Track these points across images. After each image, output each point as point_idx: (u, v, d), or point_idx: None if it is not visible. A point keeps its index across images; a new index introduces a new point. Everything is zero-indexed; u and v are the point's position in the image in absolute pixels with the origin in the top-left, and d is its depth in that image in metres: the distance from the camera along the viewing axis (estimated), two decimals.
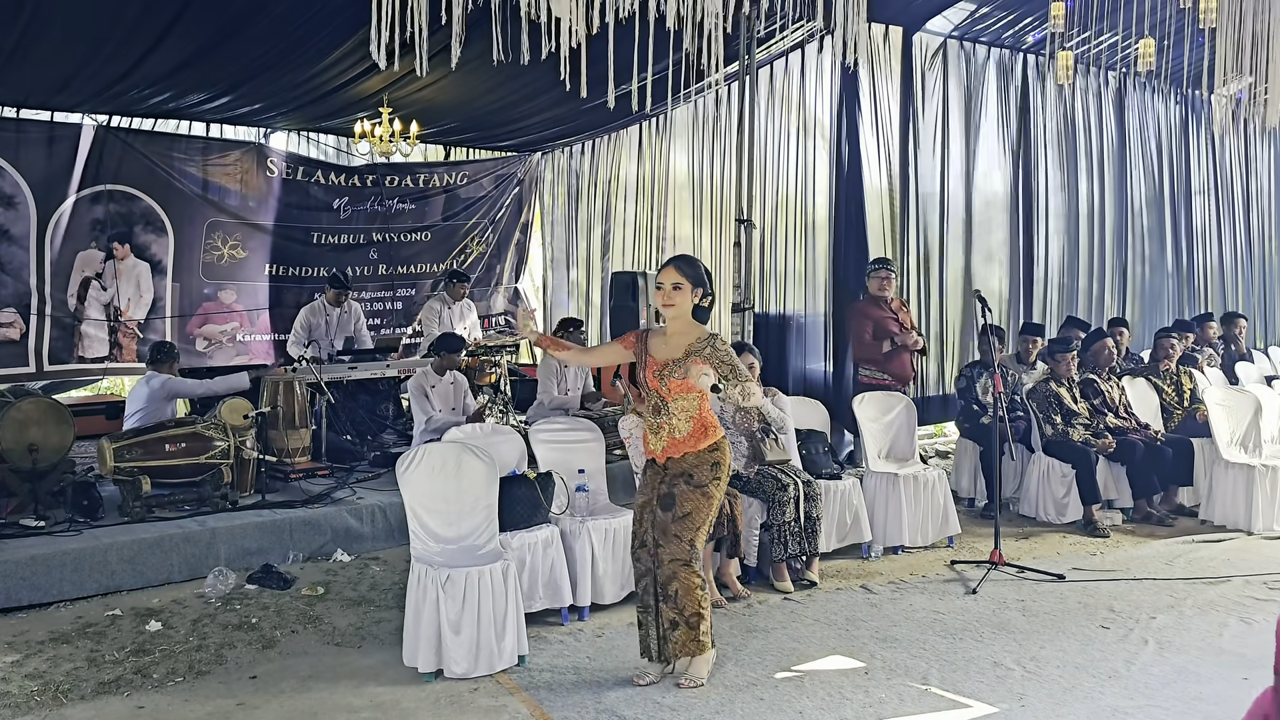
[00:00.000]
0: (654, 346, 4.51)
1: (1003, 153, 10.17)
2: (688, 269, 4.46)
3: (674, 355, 4.41)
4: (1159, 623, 5.33)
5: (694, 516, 4.37)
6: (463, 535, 4.88)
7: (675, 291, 4.42)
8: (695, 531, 4.38)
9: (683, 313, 4.43)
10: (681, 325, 4.46)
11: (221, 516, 6.40)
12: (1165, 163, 11.74)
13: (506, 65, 5.95)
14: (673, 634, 4.41)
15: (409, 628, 4.62)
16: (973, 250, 9.93)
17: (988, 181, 10.03)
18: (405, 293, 12.81)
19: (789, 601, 5.72)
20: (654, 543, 4.42)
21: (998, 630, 5.23)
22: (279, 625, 5.22)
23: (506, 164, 13.54)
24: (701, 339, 4.40)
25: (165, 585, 5.84)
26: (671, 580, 4.38)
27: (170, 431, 6.73)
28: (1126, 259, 11.40)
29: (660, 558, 4.40)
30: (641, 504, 4.53)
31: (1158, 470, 7.72)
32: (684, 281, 4.42)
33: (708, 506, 4.39)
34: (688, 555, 4.37)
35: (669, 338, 4.48)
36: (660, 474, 4.48)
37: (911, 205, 9.34)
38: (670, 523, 4.38)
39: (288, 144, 12.06)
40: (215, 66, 8.65)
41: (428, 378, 7.78)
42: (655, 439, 4.48)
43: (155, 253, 10.85)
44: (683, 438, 4.41)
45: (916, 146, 9.40)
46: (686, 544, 4.36)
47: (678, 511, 4.38)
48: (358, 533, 6.65)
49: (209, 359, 11.05)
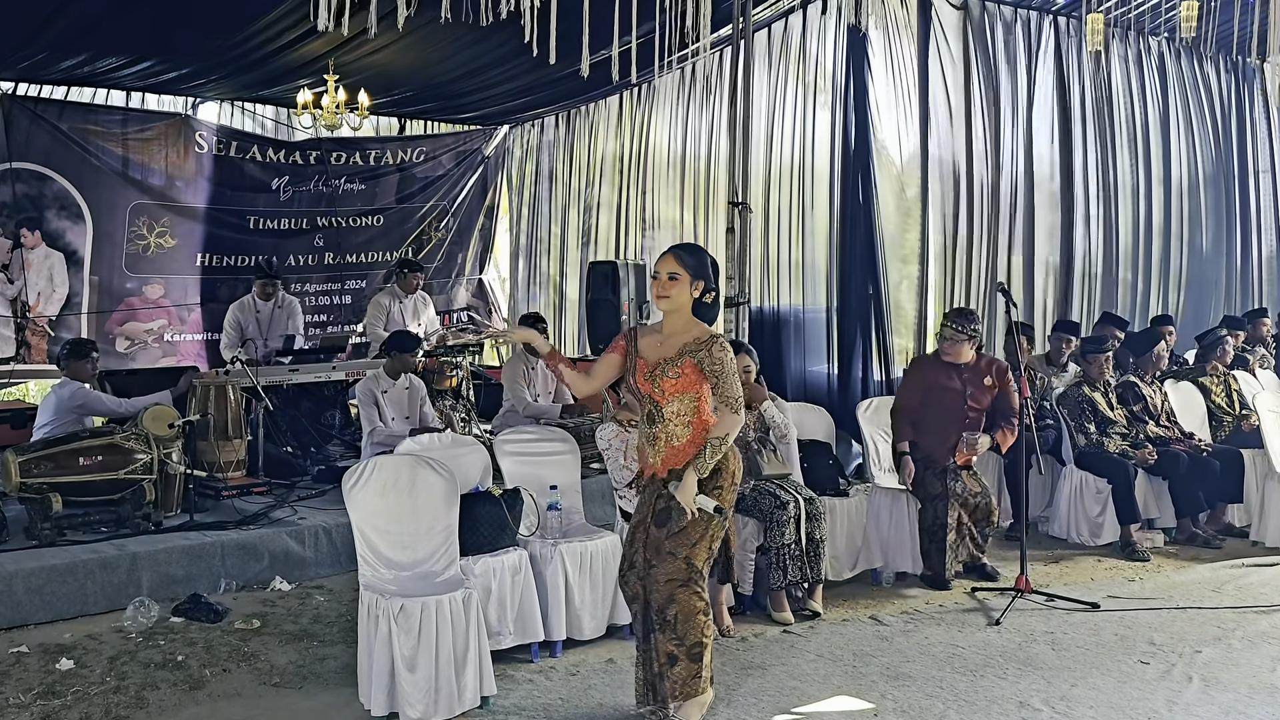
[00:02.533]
0: (645, 346, 4.47)
1: (1034, 127, 10.17)
2: (688, 258, 4.41)
3: (667, 355, 4.37)
4: (1205, 657, 5.35)
5: (690, 531, 4.31)
6: (418, 560, 4.87)
7: (671, 283, 4.37)
8: (692, 548, 4.31)
9: (679, 307, 4.38)
10: (679, 323, 4.40)
11: (143, 540, 6.36)
12: (1213, 139, 11.79)
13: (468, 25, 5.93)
14: (670, 670, 4.30)
15: (359, 665, 4.60)
16: (999, 237, 9.93)
17: (1016, 160, 10.03)
18: (354, 285, 12.78)
19: (789, 634, 5.73)
20: (644, 563, 4.36)
21: (1024, 666, 5.24)
22: (209, 663, 5.19)
23: (469, 139, 13.53)
24: (700, 340, 4.34)
25: (79, 618, 5.79)
26: (669, 604, 4.30)
27: (85, 443, 6.68)
28: (1170, 247, 11.43)
29: (654, 579, 4.32)
30: (635, 523, 4.50)
31: (1204, 485, 7.75)
32: (681, 272, 4.37)
33: (705, 520, 4.32)
34: (685, 574, 4.30)
35: (664, 337, 4.43)
36: (659, 489, 4.43)
37: (933, 185, 9.35)
38: (664, 539, 4.32)
39: (219, 116, 12.02)
40: (135, 25, 8.58)
41: (379, 382, 7.76)
42: (652, 451, 4.43)
43: (71, 241, 10.78)
44: (682, 445, 4.36)
45: (935, 119, 9.40)
46: (682, 561, 4.30)
47: (673, 525, 4.32)
48: (299, 557, 6.62)
49: (131, 360, 11.00)
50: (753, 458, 6.27)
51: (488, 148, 13.67)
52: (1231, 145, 11.94)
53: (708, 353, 4.30)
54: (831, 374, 9.17)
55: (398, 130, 13.51)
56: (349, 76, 10.08)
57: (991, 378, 6.66)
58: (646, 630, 4.41)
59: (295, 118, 11.20)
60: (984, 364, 6.74)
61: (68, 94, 10.80)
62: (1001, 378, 6.68)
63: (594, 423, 7.67)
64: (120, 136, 10.99)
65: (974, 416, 6.64)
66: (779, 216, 9.79)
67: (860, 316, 9.13)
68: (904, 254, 9.50)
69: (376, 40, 8.60)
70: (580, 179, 12.96)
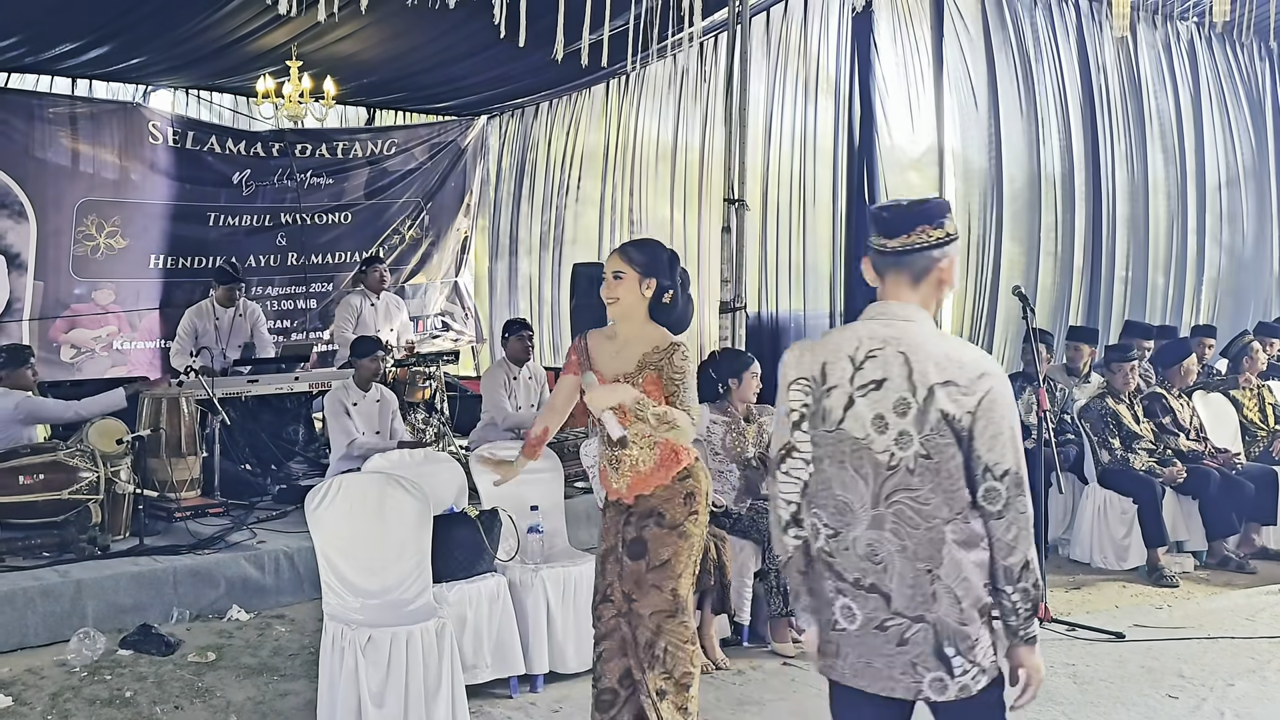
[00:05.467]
0: (601, 357, 4.31)
1: (1059, 119, 10.16)
2: (636, 254, 4.25)
3: (625, 369, 4.21)
4: (1238, 690, 5.37)
5: (674, 564, 4.24)
6: (387, 587, 4.87)
7: (616, 282, 4.21)
8: (678, 579, 4.24)
9: (628, 311, 4.24)
10: (633, 328, 4.25)
11: (89, 565, 6.33)
12: (1250, 132, 11.79)
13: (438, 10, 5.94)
14: (660, 704, 4.19)
15: (322, 702, 4.60)
16: (1021, 237, 9.90)
17: (1039, 154, 10.00)
18: (320, 288, 12.75)
19: (790, 666, 5.74)
20: (623, 597, 4.30)
21: (1043, 701, 5.25)
22: (159, 700, 5.18)
23: (444, 130, 13.53)
24: (659, 349, 4.19)
25: (18, 650, 5.77)
26: (658, 637, 4.22)
27: (25, 460, 6.67)
28: (1205, 248, 11.42)
29: (638, 614, 4.26)
30: (604, 552, 4.40)
31: (1237, 505, 7.78)
32: (627, 270, 4.20)
33: (687, 548, 4.25)
34: (672, 605, 4.23)
35: (619, 345, 4.28)
36: (624, 515, 4.33)
37: (949, 181, 9.37)
38: (645, 573, 4.26)
39: (174, 105, 12.01)
40: (85, 11, 8.59)
41: (348, 393, 7.76)
42: (615, 475, 4.31)
43: (12, 243, 10.70)
44: (649, 470, 4.25)
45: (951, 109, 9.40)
46: (668, 594, 4.24)
47: (652, 559, 4.25)
48: (258, 584, 6.61)
49: (77, 370, 10.96)
50: (751, 475, 6.28)
51: (464, 139, 13.67)
52: (1267, 138, 11.94)
53: (668, 360, 4.16)
54: None
55: (366, 121, 13.53)
56: (314, 65, 10.09)
57: None
58: (622, 670, 4.30)
59: (255, 107, 11.19)
60: None
61: (8, 81, 10.78)
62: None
63: (578, 438, 7.66)
64: (69, 128, 10.93)
65: None
66: (778, 214, 9.81)
67: None
68: None
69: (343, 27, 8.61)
70: (562, 173, 12.95)
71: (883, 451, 2.84)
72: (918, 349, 2.85)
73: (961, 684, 2.82)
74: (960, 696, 2.83)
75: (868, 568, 2.86)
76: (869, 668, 2.87)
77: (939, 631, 2.81)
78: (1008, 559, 2.79)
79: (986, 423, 2.78)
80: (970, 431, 2.79)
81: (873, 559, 2.86)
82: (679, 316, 4.32)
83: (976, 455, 2.79)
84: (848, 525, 2.89)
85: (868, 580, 2.87)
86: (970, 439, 2.80)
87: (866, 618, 2.87)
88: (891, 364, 2.85)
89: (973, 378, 2.80)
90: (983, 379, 2.81)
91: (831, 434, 2.91)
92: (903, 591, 2.82)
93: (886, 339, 2.88)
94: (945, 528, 2.81)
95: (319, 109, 10.41)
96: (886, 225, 2.96)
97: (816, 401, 2.94)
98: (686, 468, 4.28)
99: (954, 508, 2.81)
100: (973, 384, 2.80)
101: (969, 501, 2.82)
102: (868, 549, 2.86)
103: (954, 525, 2.81)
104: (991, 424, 2.78)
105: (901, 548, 2.82)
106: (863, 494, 2.87)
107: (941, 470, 2.81)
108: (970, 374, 2.81)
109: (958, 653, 2.80)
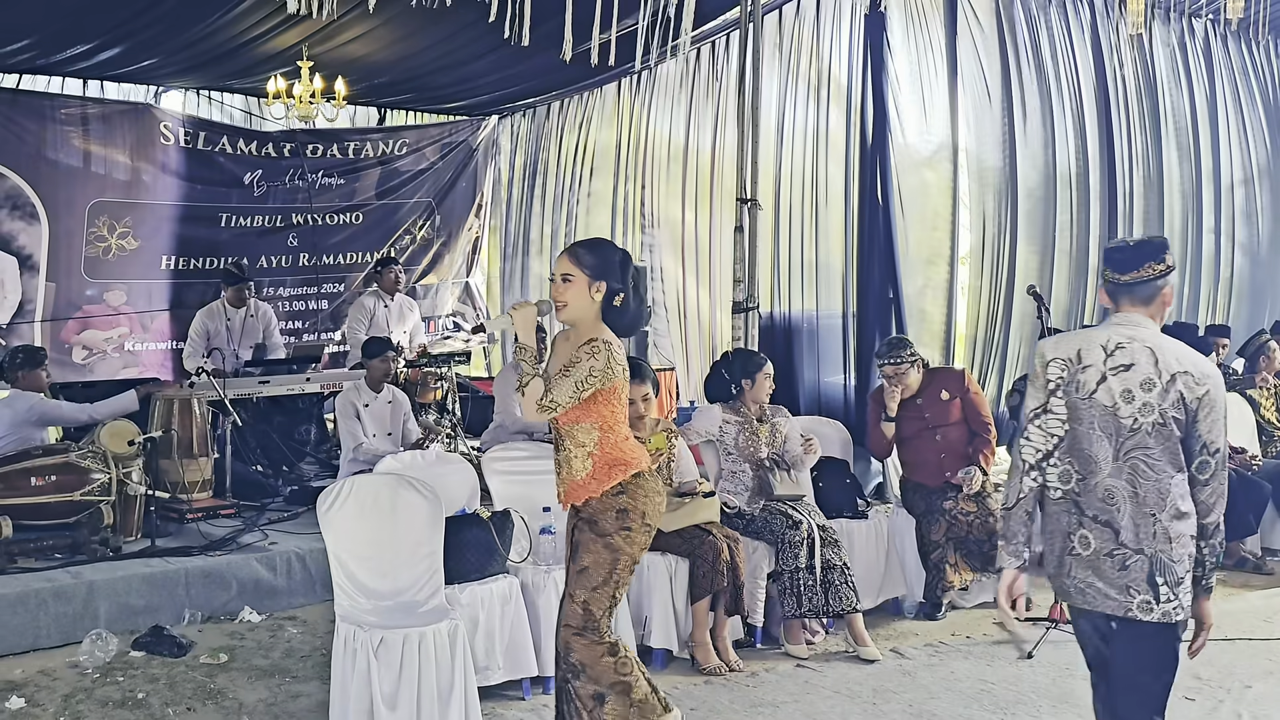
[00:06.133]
0: (553, 362, 4.23)
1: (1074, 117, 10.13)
2: (585, 255, 4.14)
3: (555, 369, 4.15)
4: (1255, 693, 5.36)
5: (590, 573, 4.11)
6: (400, 589, 4.87)
7: (564, 286, 4.11)
8: (592, 591, 4.10)
9: (576, 316, 4.15)
10: (583, 334, 4.14)
11: (101, 567, 6.35)
12: (1265, 131, 11.74)
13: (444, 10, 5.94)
14: (601, 709, 4.07)
15: (334, 704, 4.61)
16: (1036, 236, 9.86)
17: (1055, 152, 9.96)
18: (332, 289, 12.77)
19: (803, 669, 5.74)
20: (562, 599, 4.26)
21: (1058, 703, 5.24)
22: (171, 701, 5.19)
23: (455, 130, 13.54)
24: (580, 345, 4.08)
25: (30, 652, 5.79)
26: (569, 650, 4.12)
27: (37, 461, 6.69)
28: (1221, 248, 11.39)
29: (560, 618, 4.20)
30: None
31: (1254, 506, 7.75)
32: (576, 272, 4.11)
33: (610, 562, 4.10)
34: (580, 622, 4.10)
35: (570, 349, 4.16)
36: (574, 516, 4.26)
37: (963, 180, 9.34)
38: (571, 575, 4.17)
39: (184, 105, 12.04)
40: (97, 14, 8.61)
41: (360, 394, 7.77)
42: (557, 479, 4.27)
43: (24, 245, 10.73)
44: (582, 480, 4.15)
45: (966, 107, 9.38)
46: (579, 606, 4.10)
47: (577, 563, 4.15)
48: (270, 586, 6.62)
49: (89, 371, 10.99)
50: (764, 476, 6.28)
51: (475, 139, 13.68)
52: None
53: (580, 349, 4.05)
54: (848, 385, 9.15)
55: (377, 121, 13.53)
56: (324, 66, 10.11)
57: (947, 390, 6.75)
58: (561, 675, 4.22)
59: (266, 108, 11.22)
60: (936, 380, 6.89)
61: (20, 82, 10.82)
62: (958, 386, 6.79)
63: None
64: (79, 128, 10.96)
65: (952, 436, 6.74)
66: (790, 214, 9.78)
67: (880, 323, 9.11)
68: (929, 255, 9.46)
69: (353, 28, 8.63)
70: (574, 173, 12.95)
71: (1127, 417, 3.49)
72: (1160, 346, 3.53)
73: (1165, 610, 3.43)
74: (1161, 620, 3.44)
75: (1103, 507, 3.52)
76: (1091, 588, 3.55)
77: (1154, 564, 3.44)
78: (1206, 518, 3.51)
79: (1209, 409, 3.46)
80: (1195, 414, 3.46)
81: (1109, 501, 3.52)
82: (631, 320, 4.24)
83: (1198, 434, 3.48)
84: (1091, 473, 3.55)
85: (1104, 517, 3.52)
86: (1194, 420, 3.47)
87: (1097, 546, 3.53)
88: (1139, 354, 3.51)
89: (1204, 373, 3.48)
90: (1210, 376, 3.51)
91: (1085, 401, 3.55)
92: (1130, 528, 3.48)
93: (1132, 336, 3.55)
94: (1170, 481, 3.46)
95: (330, 109, 10.43)
96: (1120, 263, 3.66)
97: (1071, 376, 3.58)
98: (622, 484, 4.14)
99: (1176, 465, 3.47)
100: (1203, 378, 3.47)
101: (1185, 465, 3.49)
102: (1105, 493, 3.52)
103: (1176, 480, 3.47)
104: (1214, 411, 3.47)
105: (1133, 494, 3.48)
106: (1106, 450, 3.52)
107: (1171, 437, 3.47)
108: (1201, 370, 3.49)
109: (1165, 584, 3.43)
